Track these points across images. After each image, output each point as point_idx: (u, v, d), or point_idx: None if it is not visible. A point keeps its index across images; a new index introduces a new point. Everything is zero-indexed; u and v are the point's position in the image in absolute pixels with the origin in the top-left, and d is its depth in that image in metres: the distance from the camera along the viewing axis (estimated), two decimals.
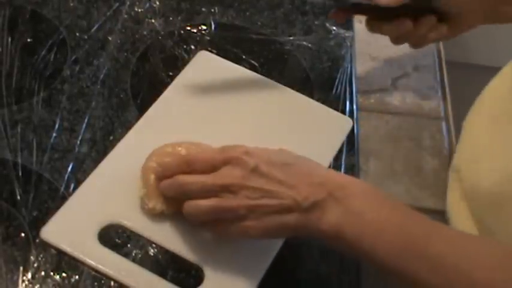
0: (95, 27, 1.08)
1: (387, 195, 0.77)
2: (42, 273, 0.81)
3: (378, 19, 0.99)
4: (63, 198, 0.87)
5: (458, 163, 0.96)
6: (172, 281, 0.82)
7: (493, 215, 0.86)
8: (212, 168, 0.78)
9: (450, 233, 0.74)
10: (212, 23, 1.12)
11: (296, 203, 0.75)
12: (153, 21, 1.11)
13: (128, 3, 1.12)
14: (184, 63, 1.04)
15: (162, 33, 1.09)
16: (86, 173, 0.90)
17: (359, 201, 0.74)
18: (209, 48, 1.07)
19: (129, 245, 0.84)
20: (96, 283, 0.81)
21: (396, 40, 1.02)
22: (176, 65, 1.05)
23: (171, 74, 1.03)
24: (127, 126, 0.96)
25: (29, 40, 1.04)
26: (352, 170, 0.97)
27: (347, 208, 0.74)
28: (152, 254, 0.84)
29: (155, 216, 0.85)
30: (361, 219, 0.73)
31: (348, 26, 1.16)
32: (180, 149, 0.85)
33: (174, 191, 0.81)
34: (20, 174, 0.89)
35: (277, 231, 0.77)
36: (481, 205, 0.88)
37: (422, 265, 0.69)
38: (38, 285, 0.80)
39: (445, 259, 0.68)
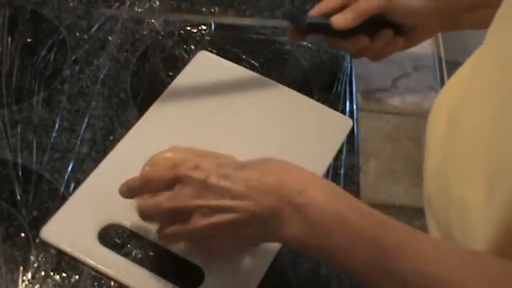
0: (95, 27, 1.08)
1: (353, 198, 0.71)
2: (42, 273, 0.81)
3: (336, 36, 0.99)
4: (63, 198, 0.87)
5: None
6: (172, 281, 0.82)
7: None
8: (166, 187, 0.76)
9: (424, 244, 0.67)
10: (212, 23, 1.12)
11: (251, 214, 0.71)
12: (153, 21, 1.11)
13: (128, 3, 1.12)
14: (184, 63, 1.04)
15: (162, 33, 1.09)
16: (86, 173, 0.90)
17: (321, 208, 0.68)
18: (209, 48, 1.07)
19: (129, 245, 0.84)
20: (96, 283, 0.81)
21: (355, 55, 1.04)
22: (176, 65, 1.05)
23: (171, 74, 1.03)
24: (127, 126, 0.96)
25: (29, 40, 1.04)
26: (352, 170, 0.97)
27: (308, 218, 0.68)
28: (152, 254, 0.84)
29: None
30: (326, 231, 0.68)
31: None
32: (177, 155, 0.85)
33: (139, 215, 0.79)
34: (20, 174, 0.89)
35: (241, 244, 0.76)
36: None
37: (393, 282, 0.65)
38: (38, 285, 0.80)
39: (416, 277, 0.64)
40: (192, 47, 1.08)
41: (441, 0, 0.99)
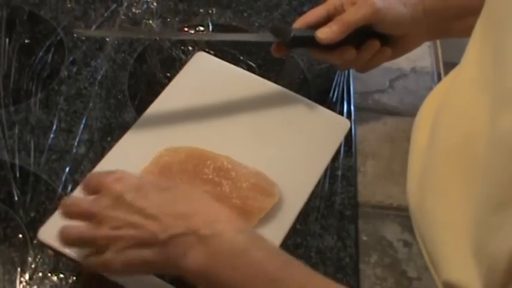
0: (92, 28, 1.08)
1: (263, 239, 0.70)
2: (40, 274, 0.81)
3: (321, 49, 0.97)
4: (61, 199, 0.87)
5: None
6: (171, 282, 0.81)
7: None
8: (95, 192, 0.75)
9: None
10: (210, 24, 1.12)
11: (154, 236, 0.69)
12: (150, 22, 1.11)
13: (126, 4, 1.12)
14: (182, 64, 1.04)
15: None
16: (84, 174, 0.90)
17: (228, 241, 0.68)
18: (207, 49, 1.07)
19: None
20: (93, 284, 0.81)
21: (342, 67, 1.02)
22: (174, 66, 1.05)
23: (168, 75, 1.03)
24: (124, 127, 0.95)
25: (26, 41, 1.04)
26: (350, 171, 0.97)
27: (213, 249, 0.68)
28: None
29: None
30: (229, 265, 0.67)
31: None
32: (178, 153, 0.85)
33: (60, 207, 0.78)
34: (18, 175, 0.89)
35: (139, 266, 0.72)
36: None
37: None
38: (35, 286, 0.80)
39: None
40: (190, 48, 1.08)
41: (428, 9, 0.97)
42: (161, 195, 0.72)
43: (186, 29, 1.10)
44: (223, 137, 0.94)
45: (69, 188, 0.88)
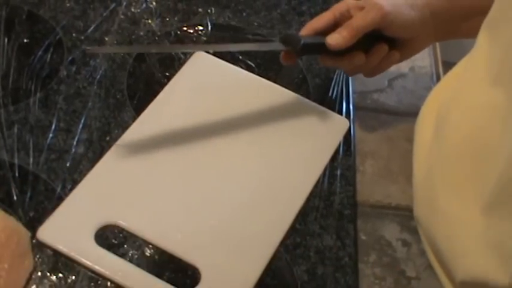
0: (91, 28, 1.08)
1: None
2: (39, 273, 0.81)
3: (331, 55, 0.97)
4: (60, 199, 0.87)
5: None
6: (169, 281, 0.82)
7: None
8: None
9: None
10: (209, 24, 1.12)
11: None
12: (149, 21, 1.11)
13: (125, 3, 1.12)
14: (181, 63, 1.04)
15: (159, 33, 1.09)
16: (83, 174, 0.90)
17: None
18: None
19: (125, 246, 0.84)
20: (92, 284, 0.81)
21: (351, 72, 1.02)
22: (173, 65, 1.05)
23: (167, 74, 1.03)
24: (124, 127, 0.96)
25: (25, 40, 1.04)
26: (349, 170, 0.97)
27: None
28: (149, 255, 0.84)
29: (153, 216, 0.85)
30: None
31: None
32: None
33: None
34: (17, 174, 0.89)
35: None
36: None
37: None
38: (34, 286, 0.80)
39: None
40: None
41: (435, 11, 0.97)
42: None
43: (185, 29, 1.10)
44: (222, 137, 0.95)
45: (69, 188, 0.88)
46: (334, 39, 0.93)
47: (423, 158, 0.83)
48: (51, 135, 0.94)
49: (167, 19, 1.12)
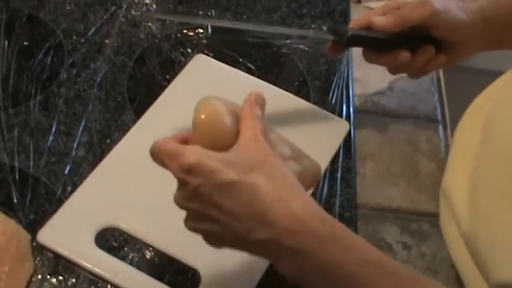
0: (91, 31, 1.08)
1: (352, 237, 0.69)
2: (39, 276, 0.81)
3: (375, 50, 0.97)
4: (60, 202, 0.87)
5: (447, 188, 0.92)
6: (169, 284, 0.82)
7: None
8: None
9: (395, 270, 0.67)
10: (209, 26, 1.12)
11: (239, 235, 0.68)
12: (149, 24, 1.11)
13: (125, 6, 1.12)
14: (181, 66, 1.04)
15: (159, 36, 1.09)
16: (83, 176, 0.90)
17: (312, 256, 0.66)
18: (206, 52, 1.07)
19: (125, 248, 0.84)
20: (92, 286, 0.81)
21: (394, 71, 1.01)
22: (173, 68, 1.05)
23: (167, 77, 1.03)
24: (124, 130, 0.96)
25: (25, 43, 1.04)
26: (349, 173, 0.97)
27: (302, 263, 0.67)
28: (149, 257, 0.84)
29: (153, 218, 0.85)
30: (321, 278, 0.66)
31: None
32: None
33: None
34: (17, 177, 0.89)
35: (243, 251, 0.72)
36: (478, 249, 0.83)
37: None
38: None
39: None
40: (189, 50, 1.08)
41: (487, 17, 0.95)
42: (233, 189, 0.67)
43: (185, 31, 1.10)
44: None
45: (69, 190, 0.88)
46: (379, 21, 0.94)
47: (465, 158, 0.86)
48: (51, 138, 0.94)
49: (167, 22, 1.12)
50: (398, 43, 0.95)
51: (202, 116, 0.72)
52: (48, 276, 0.81)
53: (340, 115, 1.03)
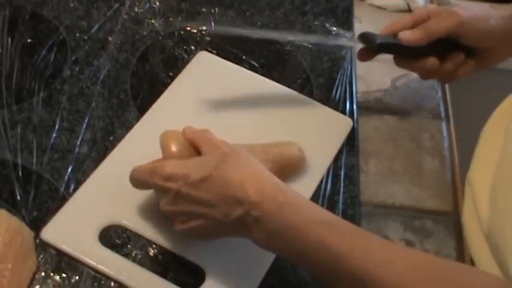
0: (95, 28, 1.08)
1: (305, 205, 0.77)
2: (43, 273, 0.81)
3: (405, 57, 0.99)
4: (63, 199, 0.87)
5: (472, 180, 0.94)
6: (173, 281, 0.82)
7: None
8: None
9: (372, 246, 0.73)
10: (212, 24, 1.12)
11: (219, 222, 0.77)
12: (153, 21, 1.11)
13: (128, 3, 1.12)
14: (184, 63, 1.04)
15: (162, 33, 1.09)
16: (86, 174, 0.90)
17: (274, 219, 0.75)
18: (209, 49, 1.07)
19: (129, 246, 0.84)
20: (96, 283, 0.81)
21: (424, 76, 1.02)
22: (176, 65, 1.05)
23: (171, 74, 1.03)
24: (127, 127, 0.96)
25: (29, 40, 1.04)
26: (352, 170, 0.97)
27: (264, 228, 0.75)
28: (152, 254, 0.84)
29: (156, 215, 0.85)
30: (281, 240, 0.75)
31: (348, 26, 1.16)
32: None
33: None
34: (20, 174, 0.89)
35: (227, 235, 0.81)
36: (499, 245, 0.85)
37: (347, 282, 0.72)
38: (38, 286, 0.80)
39: (363, 279, 0.70)
40: (192, 47, 1.08)
41: None
42: (208, 184, 0.77)
43: (188, 29, 1.10)
44: (225, 136, 0.94)
45: (72, 188, 0.88)
46: (405, 35, 0.95)
47: (493, 158, 0.89)
48: (54, 135, 0.94)
49: (170, 19, 1.12)
50: (427, 50, 0.96)
51: (173, 149, 0.84)
52: (52, 274, 0.81)
53: (344, 112, 1.03)
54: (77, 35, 1.06)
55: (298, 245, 0.74)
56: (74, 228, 0.84)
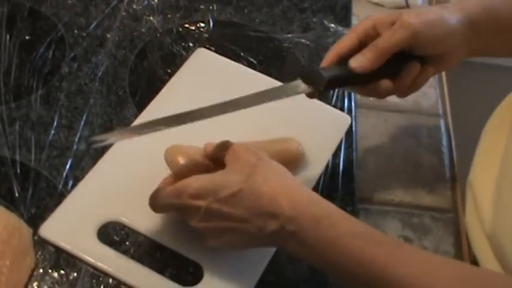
0: (93, 25, 1.08)
1: (341, 217, 0.76)
2: (41, 270, 0.81)
3: (357, 85, 0.91)
4: (62, 196, 0.87)
5: (473, 180, 0.94)
6: (171, 278, 0.82)
7: None
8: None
9: (409, 254, 0.74)
10: (210, 20, 1.12)
11: (252, 236, 0.77)
12: (151, 18, 1.11)
13: (126, 0, 1.12)
14: (183, 60, 1.04)
15: (161, 30, 1.09)
16: (84, 171, 0.90)
17: (311, 235, 0.74)
18: (207, 46, 1.07)
19: (127, 242, 0.84)
20: (94, 280, 0.81)
21: (381, 97, 0.92)
22: (174, 62, 1.05)
23: (169, 71, 1.03)
24: (125, 124, 0.96)
25: (27, 37, 1.04)
26: (351, 167, 0.97)
27: (301, 242, 0.75)
28: (151, 251, 0.84)
29: (154, 213, 0.85)
30: (318, 255, 0.75)
31: (346, 23, 1.16)
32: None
33: None
34: (18, 171, 0.89)
35: (259, 247, 0.82)
36: (502, 244, 0.84)
37: None
38: (36, 283, 0.80)
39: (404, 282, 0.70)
40: (190, 44, 1.08)
41: (473, 21, 0.89)
42: (238, 199, 0.76)
43: (186, 26, 1.10)
44: (223, 134, 0.94)
45: (70, 185, 0.88)
46: (357, 62, 0.85)
47: (495, 158, 0.89)
48: (52, 132, 0.94)
49: (169, 16, 1.12)
50: (379, 70, 0.86)
51: (181, 162, 0.83)
52: (50, 271, 0.81)
53: (342, 109, 1.03)
54: (75, 32, 1.06)
55: (335, 258, 0.73)
56: (72, 225, 0.84)
